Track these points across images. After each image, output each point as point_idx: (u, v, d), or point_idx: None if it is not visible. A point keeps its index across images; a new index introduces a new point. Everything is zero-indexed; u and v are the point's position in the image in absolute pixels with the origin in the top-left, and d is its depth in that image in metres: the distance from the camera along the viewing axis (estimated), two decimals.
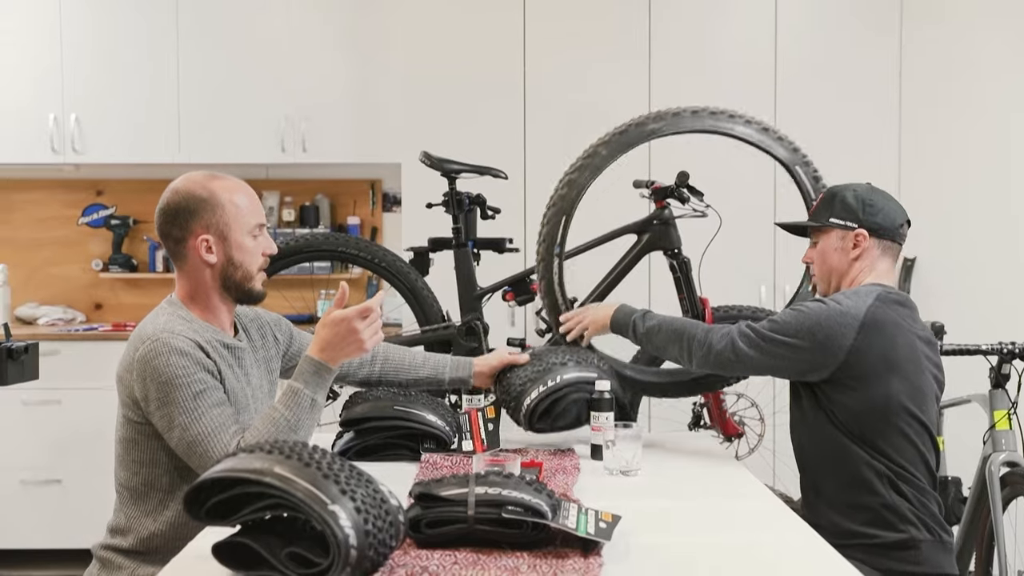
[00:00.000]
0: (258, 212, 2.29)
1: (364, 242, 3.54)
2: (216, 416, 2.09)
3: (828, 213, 2.59)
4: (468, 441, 2.47)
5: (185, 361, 2.10)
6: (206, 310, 2.27)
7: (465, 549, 1.67)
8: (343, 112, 4.74)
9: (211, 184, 2.25)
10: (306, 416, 2.11)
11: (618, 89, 4.35)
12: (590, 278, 3.62)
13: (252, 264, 2.27)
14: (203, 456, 2.06)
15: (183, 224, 2.23)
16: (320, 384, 2.14)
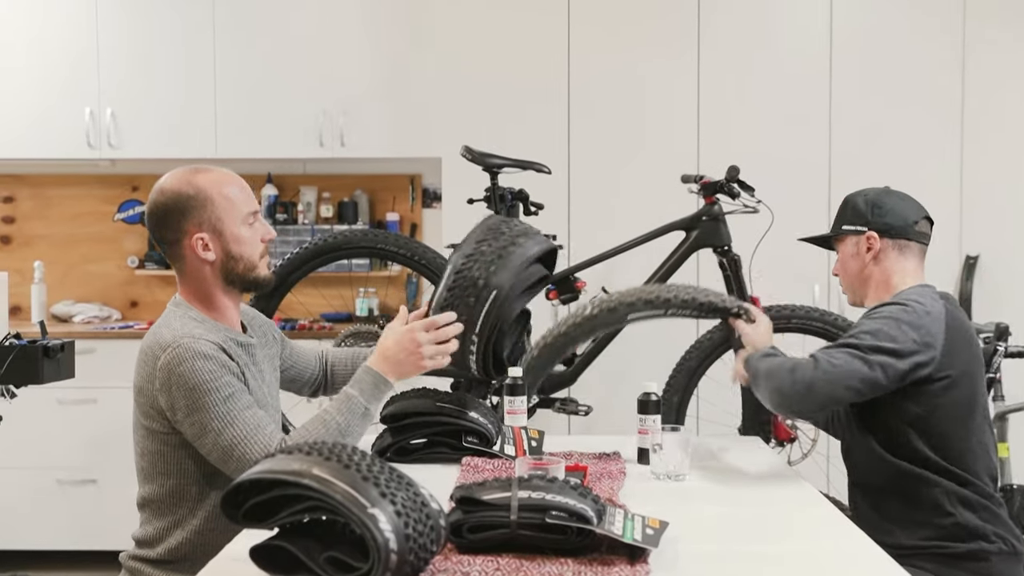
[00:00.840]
0: (250, 200, 2.28)
1: (403, 239, 3.56)
2: (249, 418, 2.09)
3: (841, 221, 2.61)
4: (511, 446, 2.47)
5: (211, 365, 2.09)
6: (213, 309, 2.26)
7: (508, 555, 1.67)
8: (382, 106, 4.76)
9: (197, 179, 2.23)
10: (357, 424, 2.12)
11: (665, 82, 4.33)
12: (634, 278, 3.61)
13: (252, 253, 2.26)
14: (241, 460, 2.05)
15: (175, 225, 2.21)
16: (376, 396, 2.16)
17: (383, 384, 2.18)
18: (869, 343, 2.31)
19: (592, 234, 4.18)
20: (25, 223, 5.25)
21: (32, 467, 4.60)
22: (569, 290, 3.52)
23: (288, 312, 4.91)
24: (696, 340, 3.56)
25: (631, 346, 3.86)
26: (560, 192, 4.27)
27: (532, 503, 1.66)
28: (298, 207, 5.11)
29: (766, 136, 4.30)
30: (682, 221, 3.55)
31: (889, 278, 2.53)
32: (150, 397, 2.14)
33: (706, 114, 4.30)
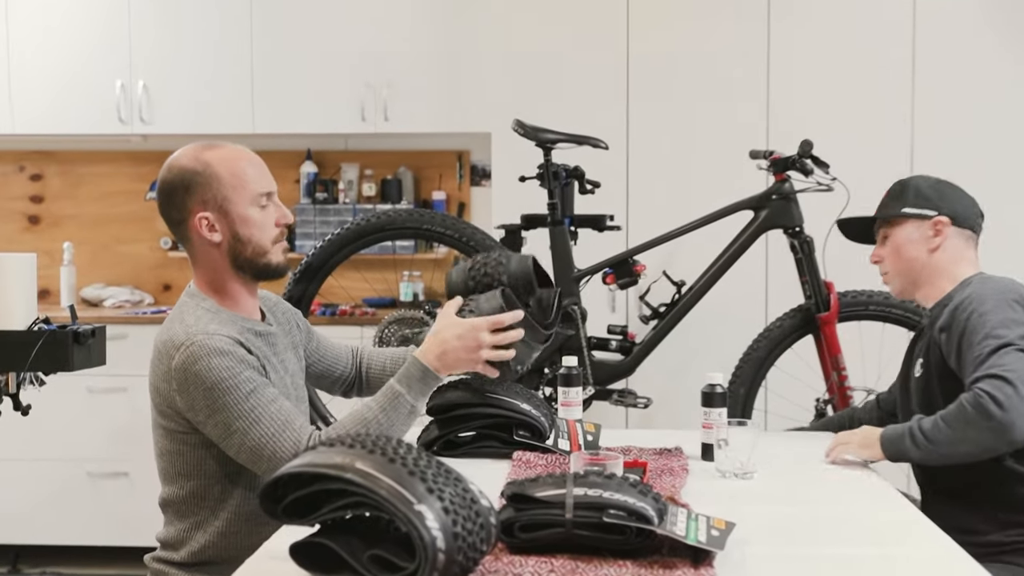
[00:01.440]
0: (263, 179, 2.25)
1: (451, 219, 3.57)
2: (276, 413, 2.08)
3: (900, 203, 2.58)
4: (565, 440, 2.47)
5: (228, 361, 2.08)
6: (227, 297, 2.24)
7: (562, 556, 1.67)
8: (428, 77, 4.77)
9: (205, 155, 2.22)
10: (402, 423, 2.12)
11: (732, 53, 4.28)
12: (698, 260, 3.59)
13: (263, 237, 2.22)
14: (272, 459, 2.05)
15: (179, 204, 2.20)
16: (423, 392, 2.16)
17: (432, 380, 2.17)
18: None
19: (652, 214, 4.16)
20: (54, 202, 5.33)
21: (61, 459, 4.69)
22: (627, 274, 3.51)
23: (329, 297, 4.95)
24: (765, 328, 3.53)
25: (695, 334, 3.85)
26: (618, 169, 4.25)
27: (588, 501, 1.65)
28: (339, 185, 5.14)
29: (842, 110, 4.24)
30: (750, 200, 3.53)
31: (952, 267, 2.53)
32: (167, 397, 2.15)
33: (776, 87, 4.25)
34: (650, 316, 3.57)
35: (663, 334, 3.54)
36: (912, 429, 2.35)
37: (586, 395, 3.45)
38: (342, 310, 4.85)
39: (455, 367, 2.20)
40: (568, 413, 2.62)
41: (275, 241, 2.25)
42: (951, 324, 2.42)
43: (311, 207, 5.07)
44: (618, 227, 3.70)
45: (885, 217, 2.62)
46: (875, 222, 2.67)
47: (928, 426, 2.33)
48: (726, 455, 2.30)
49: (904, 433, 2.35)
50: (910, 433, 2.34)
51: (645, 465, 2.27)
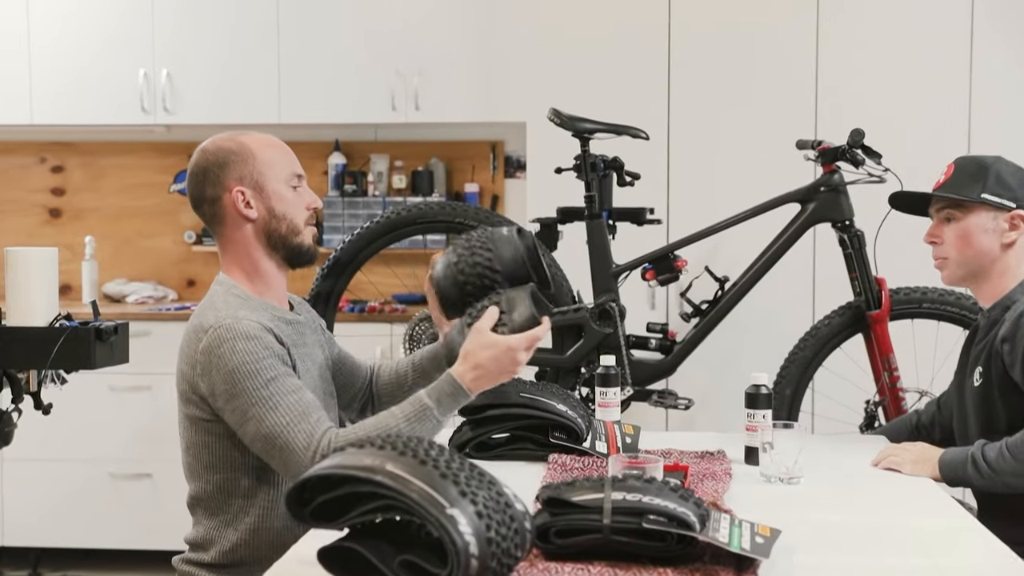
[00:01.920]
0: (294, 162, 2.34)
1: (484, 212, 3.58)
2: (294, 404, 2.11)
3: (978, 187, 2.50)
4: (603, 443, 2.47)
5: (252, 346, 2.12)
6: (259, 282, 2.30)
7: (599, 563, 1.67)
8: (461, 65, 4.78)
9: (238, 138, 2.32)
10: (425, 435, 2.12)
11: (778, 39, 4.26)
12: (742, 255, 3.58)
13: (296, 215, 2.30)
14: (284, 450, 2.08)
15: (215, 180, 2.28)
16: (451, 409, 2.18)
17: (463, 398, 2.19)
18: None
19: (694, 207, 4.14)
20: (75, 195, 5.39)
21: (83, 459, 4.74)
22: (668, 269, 3.51)
23: (357, 293, 4.97)
24: (812, 326, 3.52)
25: (738, 332, 3.84)
26: (659, 160, 4.24)
27: (627, 506, 1.65)
28: (368, 177, 5.16)
29: (895, 97, 4.21)
30: (797, 192, 3.51)
31: (1019, 266, 2.50)
32: (191, 382, 2.19)
33: (826, 73, 4.22)
34: (691, 313, 3.56)
35: (705, 332, 3.53)
36: (975, 457, 2.32)
37: (624, 396, 3.45)
38: (371, 306, 4.87)
39: (489, 383, 2.22)
40: (606, 414, 2.62)
41: (306, 223, 2.33)
42: (1015, 334, 2.38)
43: (339, 200, 5.09)
44: (658, 220, 3.69)
45: (959, 200, 2.53)
46: (933, 199, 2.59)
47: (993, 455, 2.30)
48: (771, 459, 2.29)
49: (966, 460, 2.33)
50: (972, 461, 2.32)
51: (686, 469, 2.27)
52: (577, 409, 2.48)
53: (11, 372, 2.60)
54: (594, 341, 3.48)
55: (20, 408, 2.62)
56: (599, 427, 2.52)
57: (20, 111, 4.93)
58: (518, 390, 2.44)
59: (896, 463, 2.42)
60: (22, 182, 5.37)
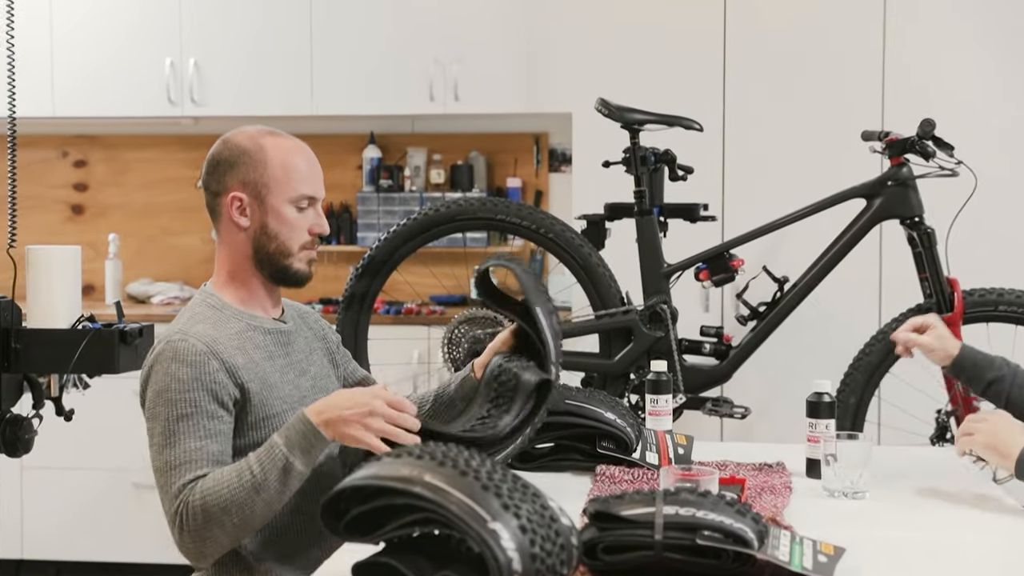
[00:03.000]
0: (311, 182, 2.31)
1: (527, 208, 3.58)
2: (192, 449, 2.08)
3: None
4: (653, 454, 2.46)
5: (184, 374, 2.12)
6: (242, 289, 2.31)
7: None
8: (503, 53, 4.78)
9: (263, 139, 2.31)
10: (276, 479, 2.03)
11: (841, 25, 4.22)
12: (803, 254, 3.55)
13: (291, 239, 2.28)
14: (162, 488, 2.09)
15: (219, 177, 2.29)
16: (304, 448, 2.04)
17: (313, 437, 2.05)
18: None
19: (751, 202, 4.12)
20: (99, 190, 5.45)
21: (106, 468, 4.79)
22: (723, 269, 3.50)
23: (393, 294, 5.00)
24: (879, 330, 3.49)
25: (799, 336, 3.82)
26: (713, 153, 4.23)
27: (680, 521, 1.65)
28: (405, 171, 5.18)
29: (968, 85, 4.16)
30: (862, 187, 3.49)
31: None
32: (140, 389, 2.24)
33: (893, 59, 4.18)
34: (748, 316, 3.55)
35: (763, 336, 3.51)
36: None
37: (677, 403, 3.44)
38: (407, 308, 4.89)
39: (339, 428, 2.04)
40: (657, 423, 2.61)
41: (303, 247, 2.31)
42: None
43: (374, 195, 5.12)
44: (713, 217, 3.68)
45: None
46: None
47: None
48: (834, 472, 2.27)
49: None
50: None
51: (743, 482, 2.26)
52: (626, 417, 2.47)
53: (32, 376, 2.63)
54: (644, 345, 3.47)
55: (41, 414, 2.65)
56: (649, 437, 2.51)
57: (41, 103, 4.99)
58: (564, 397, 2.44)
59: (969, 443, 2.29)
60: (44, 177, 5.44)
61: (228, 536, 2.05)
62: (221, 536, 2.04)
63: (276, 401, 2.23)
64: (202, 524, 2.02)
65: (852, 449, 2.28)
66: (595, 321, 3.52)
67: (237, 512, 2.02)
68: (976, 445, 2.29)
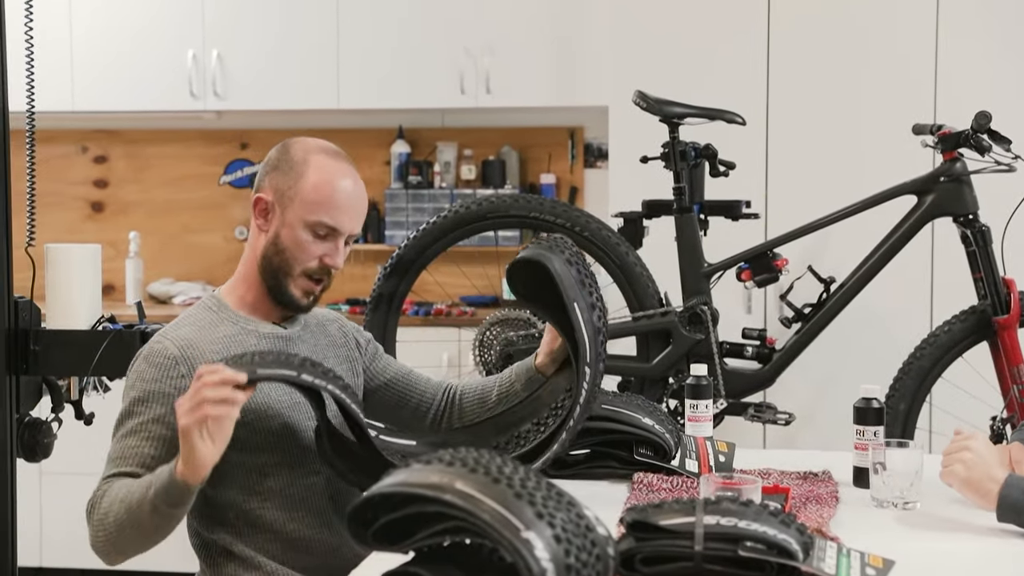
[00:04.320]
0: (340, 215, 2.25)
1: (561, 206, 3.58)
2: (127, 446, 2.13)
3: None
4: (693, 461, 2.46)
5: (149, 374, 2.16)
6: (250, 293, 2.32)
7: None
8: (536, 44, 4.78)
9: (314, 154, 2.28)
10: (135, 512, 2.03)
11: (891, 14, 4.20)
12: (850, 253, 3.54)
13: (296, 259, 2.26)
14: (98, 486, 2.14)
15: (261, 176, 2.33)
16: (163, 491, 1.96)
17: (170, 481, 1.95)
18: None
19: (796, 199, 4.11)
20: (119, 187, 5.50)
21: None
22: (766, 269, 3.48)
23: (423, 294, 5.01)
24: (931, 332, 3.47)
25: (846, 339, 3.80)
26: (756, 148, 4.22)
27: (722, 531, 1.64)
28: (434, 167, 5.19)
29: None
30: (913, 183, 3.47)
31: None
32: None
33: (946, 48, 4.16)
34: (793, 318, 3.53)
35: (808, 339, 3.50)
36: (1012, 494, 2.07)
37: (718, 409, 3.44)
38: (437, 309, 4.90)
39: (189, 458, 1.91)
40: (697, 429, 2.61)
41: (306, 274, 2.28)
42: None
43: (403, 192, 5.13)
44: (756, 215, 3.67)
45: None
46: None
47: None
48: (883, 481, 2.26)
49: None
50: None
51: (787, 491, 2.25)
52: (665, 423, 2.47)
53: (51, 379, 2.66)
54: (683, 348, 3.46)
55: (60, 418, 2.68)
56: (689, 443, 2.51)
57: (61, 96, 5.03)
58: (600, 402, 2.44)
59: (949, 476, 2.18)
60: (63, 173, 5.48)
61: (112, 544, 2.11)
62: (104, 541, 2.11)
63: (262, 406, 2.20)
64: (97, 522, 2.10)
65: (902, 457, 2.27)
66: (632, 323, 3.52)
67: (114, 522, 2.08)
68: (955, 481, 2.17)
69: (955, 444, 2.21)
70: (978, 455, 2.15)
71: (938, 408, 3.86)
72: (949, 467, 2.19)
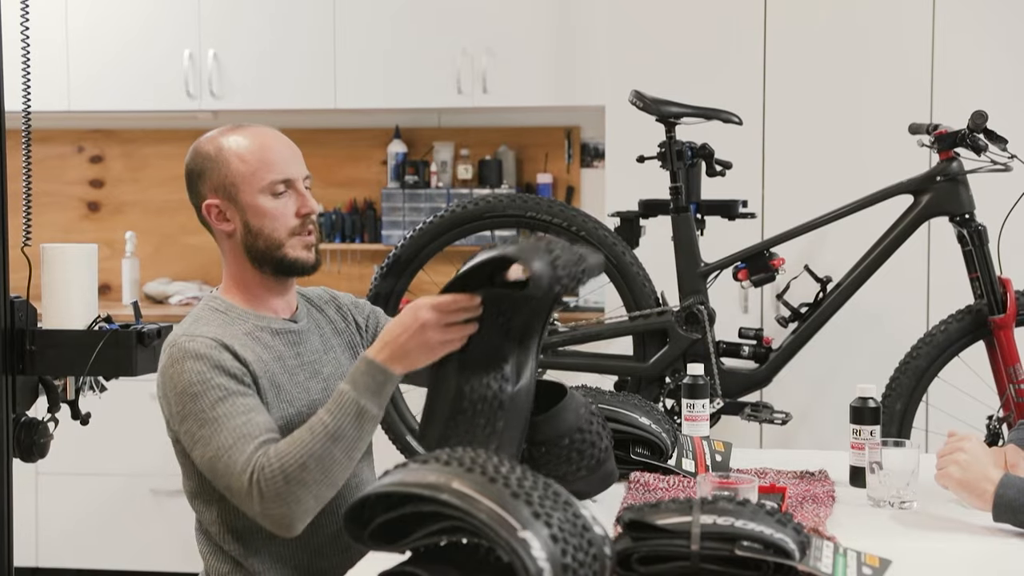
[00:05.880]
0: (280, 166, 2.27)
1: (558, 205, 3.58)
2: (240, 425, 2.11)
3: None
4: (690, 460, 2.46)
5: (201, 366, 2.14)
6: (247, 292, 2.32)
7: None
8: (534, 44, 4.78)
9: (222, 139, 2.31)
10: (350, 426, 2.06)
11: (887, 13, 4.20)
12: (847, 253, 3.54)
13: (276, 228, 2.27)
14: (225, 473, 2.09)
15: (195, 188, 2.33)
16: (371, 389, 2.08)
17: (379, 374, 2.08)
18: None
19: (792, 199, 4.11)
20: (115, 187, 5.49)
21: (123, 474, 4.83)
22: (763, 269, 3.49)
23: (419, 293, 4.96)
24: (927, 332, 3.47)
25: (842, 339, 3.80)
26: (752, 147, 4.21)
27: (718, 531, 1.65)
28: (431, 167, 5.19)
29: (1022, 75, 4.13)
30: (910, 182, 3.47)
31: None
32: (159, 402, 2.26)
33: (943, 48, 4.16)
34: (789, 318, 3.54)
35: (805, 339, 3.50)
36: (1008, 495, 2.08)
37: (714, 408, 3.44)
38: None
39: (404, 354, 2.07)
40: (693, 429, 2.61)
41: (293, 233, 2.29)
42: None
43: (399, 192, 5.13)
44: (752, 214, 3.67)
45: None
46: None
47: None
48: (880, 481, 2.27)
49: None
50: None
51: (784, 491, 2.25)
52: (661, 423, 2.47)
53: (47, 379, 2.66)
54: (680, 348, 3.46)
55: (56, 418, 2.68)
56: (686, 443, 2.51)
57: (57, 96, 5.02)
58: (596, 401, 2.44)
59: (945, 477, 2.19)
60: (59, 173, 5.48)
61: (312, 495, 2.05)
62: (304, 496, 2.04)
63: (283, 404, 2.23)
64: (283, 486, 2.03)
65: (898, 457, 2.27)
66: (629, 322, 3.52)
67: (316, 466, 2.04)
68: (951, 483, 2.18)
69: (949, 446, 2.23)
70: (972, 456, 2.17)
71: (934, 407, 3.86)
72: (944, 469, 2.20)
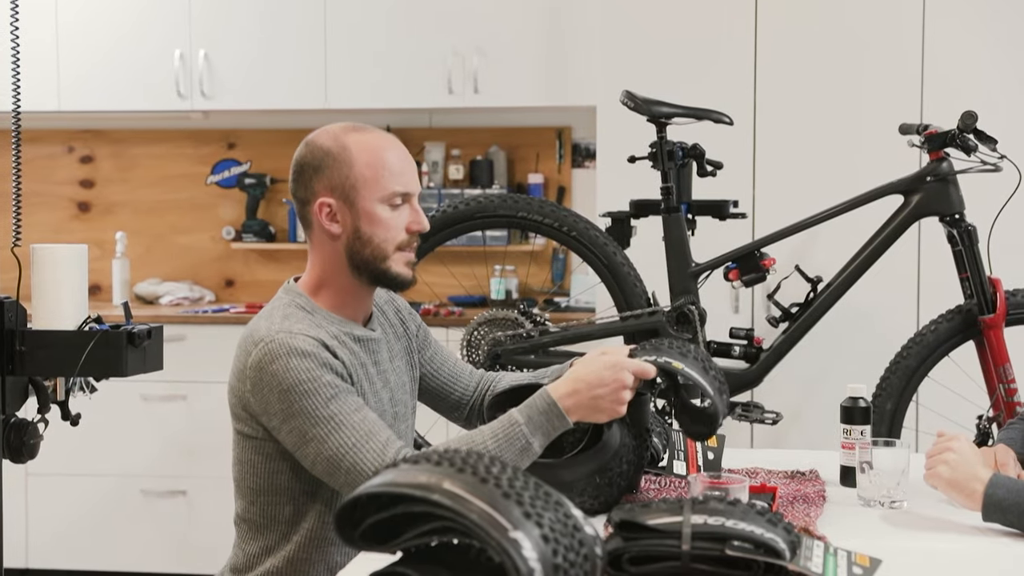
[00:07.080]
0: (403, 178, 2.26)
1: (549, 205, 3.58)
2: (359, 423, 2.11)
3: None
4: (681, 462, 2.47)
5: (308, 363, 2.12)
6: (335, 296, 2.28)
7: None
8: (524, 44, 4.79)
9: (346, 137, 2.26)
10: (512, 457, 2.07)
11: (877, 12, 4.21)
12: (837, 253, 3.55)
13: (387, 241, 2.25)
14: (351, 472, 2.08)
15: (307, 183, 2.26)
16: (544, 429, 2.10)
17: (556, 419, 2.10)
18: None
19: (783, 199, 4.11)
20: (105, 187, 5.48)
21: (113, 475, 4.82)
22: (754, 269, 3.49)
23: (410, 294, 4.93)
24: (917, 332, 3.48)
25: (833, 339, 3.81)
26: (743, 148, 4.22)
27: (709, 530, 1.65)
28: (422, 167, 5.19)
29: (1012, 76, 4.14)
30: (900, 182, 3.47)
31: None
32: (241, 397, 2.21)
33: (933, 48, 4.17)
34: (780, 318, 3.54)
35: (795, 339, 3.50)
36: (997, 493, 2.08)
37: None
38: (425, 309, 4.89)
39: (592, 408, 2.11)
40: None
41: (400, 247, 2.27)
42: None
43: None
44: (743, 215, 3.67)
45: None
46: None
47: None
48: (870, 480, 2.27)
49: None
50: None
51: (775, 490, 2.25)
52: (654, 424, 2.47)
53: (37, 380, 2.65)
54: None
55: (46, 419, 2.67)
56: (678, 441, 2.51)
57: (46, 96, 5.01)
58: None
59: (934, 477, 2.20)
60: (49, 173, 5.47)
61: None
62: None
63: None
64: None
65: (889, 456, 2.27)
66: (620, 323, 3.52)
67: None
68: (940, 483, 2.19)
69: (938, 446, 2.23)
70: (961, 455, 2.17)
71: (925, 407, 3.87)
72: (933, 468, 2.20)
